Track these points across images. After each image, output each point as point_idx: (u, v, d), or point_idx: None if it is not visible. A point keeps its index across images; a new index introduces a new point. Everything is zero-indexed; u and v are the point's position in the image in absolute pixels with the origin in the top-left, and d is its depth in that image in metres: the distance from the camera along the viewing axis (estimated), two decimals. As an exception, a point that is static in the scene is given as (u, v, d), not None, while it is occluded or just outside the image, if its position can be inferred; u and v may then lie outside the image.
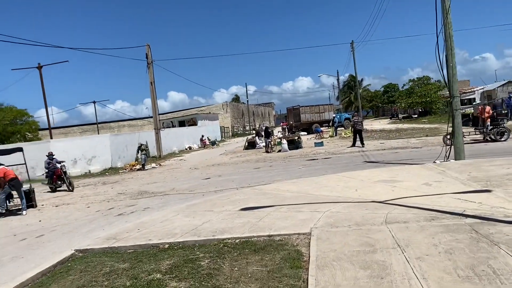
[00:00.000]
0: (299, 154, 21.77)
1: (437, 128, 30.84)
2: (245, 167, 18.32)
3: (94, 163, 24.23)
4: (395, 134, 28.47)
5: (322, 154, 20.40)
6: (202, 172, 17.79)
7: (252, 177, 14.36)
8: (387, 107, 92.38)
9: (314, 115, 44.82)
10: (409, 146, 19.83)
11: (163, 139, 33.10)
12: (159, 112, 65.61)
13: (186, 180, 15.76)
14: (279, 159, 20.60)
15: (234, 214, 7.62)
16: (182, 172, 18.82)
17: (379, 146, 21.37)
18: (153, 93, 27.88)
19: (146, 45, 27.47)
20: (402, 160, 14.59)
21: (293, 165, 17.13)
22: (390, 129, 35.87)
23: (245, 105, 73.74)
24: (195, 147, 37.84)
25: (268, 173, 15.03)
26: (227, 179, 14.66)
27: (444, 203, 6.82)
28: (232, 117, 64.39)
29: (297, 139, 26.26)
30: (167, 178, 17.07)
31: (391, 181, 9.44)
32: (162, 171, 20.57)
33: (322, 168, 14.90)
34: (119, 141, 25.93)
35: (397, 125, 44.28)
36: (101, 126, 64.33)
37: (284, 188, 10.01)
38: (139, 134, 28.55)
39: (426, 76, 58.61)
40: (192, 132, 41.26)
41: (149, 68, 27.53)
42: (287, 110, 48.84)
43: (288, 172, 14.87)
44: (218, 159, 23.88)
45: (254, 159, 21.66)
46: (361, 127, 23.20)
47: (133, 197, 12.86)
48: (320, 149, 23.28)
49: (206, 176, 16.12)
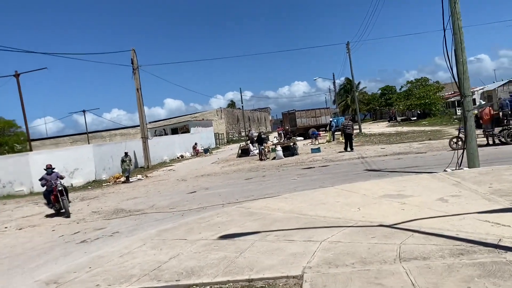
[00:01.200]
0: (295, 162, 20.38)
1: (439, 131, 29.53)
2: (235, 177, 16.92)
3: (77, 176, 22.75)
4: (396, 138, 27.14)
5: (319, 162, 19.02)
6: (189, 185, 16.36)
7: (241, 190, 12.95)
8: (385, 110, 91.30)
9: (311, 119, 43.49)
10: (412, 151, 18.47)
11: (153, 148, 31.69)
12: (151, 120, 63.77)
13: (170, 194, 14.33)
14: (273, 167, 19.21)
15: (210, 244, 6.20)
16: (168, 185, 17.39)
17: (380, 151, 20.00)
18: (139, 100, 26.49)
19: (132, 49, 26.13)
20: (407, 168, 13.21)
21: (287, 174, 15.74)
22: (389, 133, 34.56)
23: (240, 111, 72.35)
24: (187, 156, 36.40)
25: (260, 185, 13.63)
26: (214, 192, 13.25)
27: (470, 227, 5.43)
28: (227, 123, 62.99)
29: (293, 145, 24.89)
30: (150, 192, 15.64)
31: (399, 195, 8.05)
32: (147, 184, 19.13)
33: (319, 178, 13.51)
34: (103, 151, 24.49)
35: (397, 128, 43.00)
36: (93, 136, 62.79)
37: (274, 205, 8.60)
38: (125, 144, 27.08)
39: (424, 78, 57.51)
40: (184, 140, 39.84)
41: (135, 74, 26.15)
42: (283, 115, 47.54)
43: (282, 183, 13.47)
44: (209, 169, 22.46)
45: (247, 168, 20.25)
46: (352, 131, 22.86)
47: (107, 217, 11.43)
48: (317, 156, 21.91)
49: (192, 190, 14.70)
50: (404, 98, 57.97)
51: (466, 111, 10.41)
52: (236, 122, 69.99)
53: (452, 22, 10.30)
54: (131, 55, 26.08)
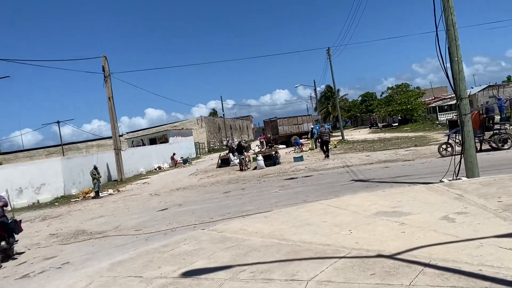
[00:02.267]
0: (277, 172, 19.25)
1: (424, 136, 28.88)
2: (213, 191, 15.66)
3: (44, 191, 21.11)
4: (380, 145, 26.31)
5: (302, 171, 17.92)
6: (161, 200, 15.03)
7: (218, 206, 11.72)
8: (366, 116, 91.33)
9: (293, 126, 42.55)
10: (399, 158, 17.54)
11: (127, 160, 30.19)
12: (130, 130, 61.74)
13: (139, 212, 12.99)
14: (253, 178, 18.03)
15: (168, 286, 4.96)
16: (139, 201, 16.01)
17: (365, 159, 19.03)
18: (111, 110, 25.05)
19: (102, 56, 24.71)
20: (397, 178, 12.19)
21: (268, 186, 14.58)
22: (372, 139, 33.81)
23: (222, 119, 71.10)
24: (165, 167, 34.92)
25: (238, 199, 12.41)
26: (188, 210, 11.97)
27: (494, 259, 4.33)
28: (208, 132, 61.60)
29: (274, 154, 23.76)
30: (118, 210, 14.25)
31: (395, 213, 6.96)
32: (117, 199, 17.69)
33: (302, 190, 12.38)
34: (73, 165, 22.92)
35: (379, 134, 42.41)
36: (69, 148, 60.58)
37: (252, 227, 7.40)
38: (97, 156, 25.54)
39: (405, 83, 57.38)
40: (162, 150, 38.37)
41: (107, 82, 24.72)
42: (264, 123, 46.49)
43: (262, 197, 12.29)
44: (186, 181, 21.13)
45: (226, 180, 19.02)
46: (328, 138, 23.26)
47: (64, 241, 10.04)
48: (300, 165, 20.83)
49: (164, 206, 13.38)
50: (385, 104, 57.68)
51: (463, 114, 9.41)
52: (217, 130, 68.66)
53: (445, 17, 9.35)
54: (102, 62, 24.66)
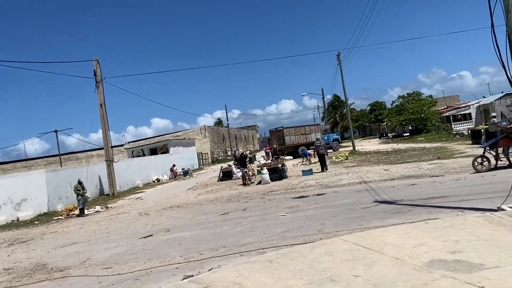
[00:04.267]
0: (284, 188, 17.05)
1: (443, 147, 26.54)
2: (210, 211, 13.47)
3: (25, 207, 19.02)
4: (396, 157, 24.01)
5: (313, 188, 15.70)
6: (148, 223, 12.85)
7: (211, 235, 9.54)
8: (374, 126, 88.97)
9: (300, 137, 40.30)
10: (425, 173, 15.27)
11: (124, 172, 28.15)
12: (133, 139, 59.66)
13: (118, 239, 10.82)
14: (257, 195, 15.84)
15: None
16: (124, 222, 13.84)
17: (384, 174, 16.77)
18: (103, 117, 23.00)
19: (94, 59, 22.75)
20: (431, 199, 9.95)
21: (274, 207, 12.37)
22: (386, 150, 31.49)
23: (227, 129, 69.02)
24: (164, 179, 32.80)
25: (237, 225, 10.22)
26: (175, 238, 9.79)
27: None
28: (211, 142, 59.57)
29: (281, 167, 21.53)
30: (96, 235, 12.08)
31: (460, 263, 4.75)
32: (102, 219, 15.54)
33: (315, 214, 10.16)
34: (60, 178, 20.83)
35: (391, 145, 40.06)
36: (68, 157, 58.86)
37: (250, 281, 5.21)
38: (87, 168, 23.46)
39: (416, 92, 55.18)
40: (162, 161, 36.28)
41: (98, 87, 22.73)
42: (270, 133, 44.29)
43: (267, 222, 10.09)
44: (182, 197, 18.96)
45: (226, 197, 16.83)
46: (325, 151, 22.61)
47: (14, 281, 7.89)
48: (309, 179, 18.61)
49: (149, 231, 11.21)
50: (396, 114, 55.42)
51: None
52: (221, 140, 66.63)
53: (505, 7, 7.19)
54: (94, 65, 22.70)
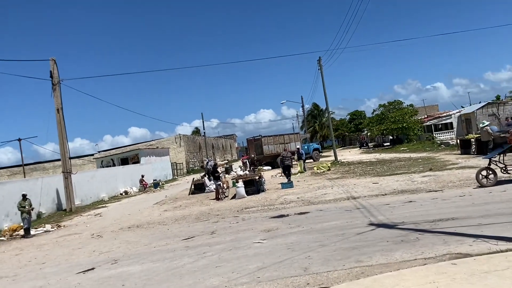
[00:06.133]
0: (261, 204, 15.02)
1: (431, 158, 25.03)
2: (172, 234, 11.32)
3: (-38, 226, 16.48)
4: (383, 168, 22.33)
5: (294, 204, 13.73)
6: (97, 249, 10.61)
7: (165, 272, 7.41)
8: (354, 135, 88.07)
9: (279, 146, 38.41)
10: (420, 188, 13.50)
11: (86, 184, 25.65)
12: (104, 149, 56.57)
13: (50, 274, 8.55)
14: (230, 213, 13.77)
15: None
16: (69, 248, 11.53)
17: (374, 188, 14.94)
18: (60, 124, 20.55)
19: (51, 59, 20.34)
20: (438, 222, 8.08)
21: (249, 230, 10.31)
22: (369, 161, 29.88)
23: (203, 138, 66.60)
24: (132, 191, 30.33)
25: (200, 258, 8.10)
26: (119, 274, 7.62)
27: None
28: (187, 151, 57.14)
29: (258, 179, 19.51)
30: (27, 267, 9.75)
31: None
32: (47, 242, 13.17)
33: (298, 242, 8.15)
34: (7, 192, 18.27)
35: (373, 155, 38.60)
36: (34, 167, 55.41)
37: None
38: (42, 180, 20.89)
39: (398, 100, 54.19)
40: (132, 172, 33.79)
41: (55, 90, 20.31)
42: (248, 142, 42.28)
43: (237, 253, 8.03)
44: (145, 214, 16.70)
45: (195, 214, 14.70)
46: (290, 162, 21.78)
47: None
48: (289, 193, 16.66)
49: (93, 263, 8.98)
50: (377, 123, 54.24)
51: None
52: (198, 150, 64.22)
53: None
54: (51, 66, 20.31)
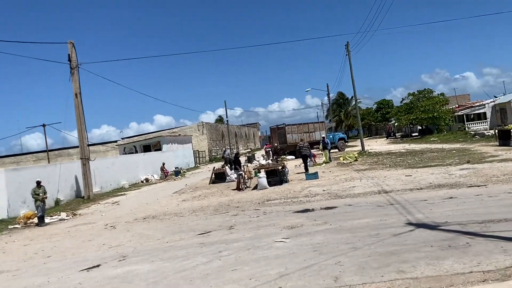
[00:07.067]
0: (284, 196, 14.07)
1: (466, 149, 23.47)
2: (187, 228, 10.51)
3: (-22, 212, 16.19)
4: (414, 159, 20.98)
5: (319, 197, 12.72)
6: (107, 242, 9.90)
7: (175, 274, 6.56)
8: (381, 125, 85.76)
9: (303, 135, 37.27)
10: (461, 182, 12.25)
11: (106, 171, 25.26)
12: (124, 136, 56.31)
13: (53, 270, 7.85)
14: (251, 205, 12.88)
15: None
16: (80, 239, 10.89)
17: (407, 181, 13.75)
18: (78, 108, 20.04)
19: (69, 42, 19.78)
20: (488, 223, 6.95)
21: (270, 225, 9.39)
22: (399, 151, 28.43)
23: (226, 126, 65.86)
24: (153, 179, 29.85)
25: (215, 259, 7.22)
26: (126, 274, 6.83)
27: None
28: (209, 139, 56.59)
29: (281, 169, 18.53)
30: (32, 260, 9.11)
31: None
32: (60, 231, 12.60)
33: (326, 243, 7.17)
34: (24, 178, 17.89)
35: (402, 145, 36.97)
36: (58, 153, 55.93)
37: None
38: (60, 166, 20.51)
39: (428, 89, 51.83)
40: (153, 159, 33.33)
41: (73, 74, 19.77)
42: (271, 130, 41.28)
43: (257, 253, 7.11)
44: (163, 204, 16.01)
45: (214, 206, 13.88)
46: (308, 152, 21.99)
47: None
48: (314, 185, 15.64)
49: (100, 258, 8.24)
50: (405, 112, 52.20)
51: None
52: (220, 138, 63.62)
53: None
54: (69, 49, 19.74)
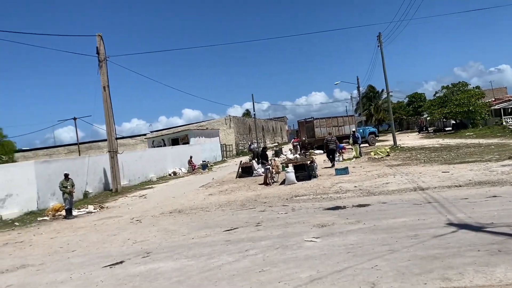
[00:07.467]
0: (313, 192, 13.58)
1: (506, 144, 22.28)
2: (213, 224, 10.20)
3: (10, 204, 16.37)
4: (450, 155, 20.03)
5: (351, 194, 12.18)
6: (132, 237, 9.70)
7: (199, 274, 6.23)
8: (412, 119, 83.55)
9: (332, 129, 36.50)
10: (504, 179, 11.45)
11: (134, 164, 25.35)
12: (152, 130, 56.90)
13: (77, 265, 7.68)
14: (278, 201, 12.47)
15: None
16: (105, 233, 10.76)
17: (445, 178, 13.00)
18: (106, 102, 20.08)
19: (97, 35, 19.80)
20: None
21: (299, 223, 8.94)
22: (433, 146, 27.37)
23: (253, 119, 65.52)
24: (181, 172, 29.84)
25: (241, 258, 6.85)
26: (148, 272, 6.54)
27: None
28: (236, 133, 56.42)
29: (310, 164, 18.01)
30: (57, 254, 9.00)
31: None
32: (86, 225, 12.55)
33: (360, 245, 6.68)
34: (53, 170, 18.03)
35: (436, 140, 35.67)
36: (89, 146, 57.16)
37: None
38: (88, 159, 20.66)
39: (462, 82, 49.78)
40: (181, 153, 33.36)
41: (102, 67, 19.79)
42: (299, 124, 40.65)
43: (285, 254, 6.70)
44: (189, 198, 15.80)
45: (240, 200, 13.54)
46: (335, 147, 22.17)
47: None
48: (344, 181, 15.07)
49: (123, 254, 8.02)
50: (438, 106, 50.40)
51: None
52: (247, 132, 63.38)
53: None
54: (97, 42, 19.77)
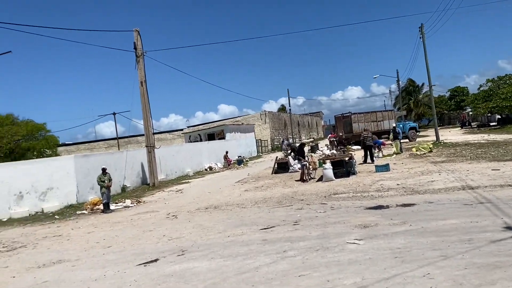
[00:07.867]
0: (352, 189, 13.05)
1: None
2: (250, 221, 9.91)
3: (51, 198, 16.79)
4: (498, 151, 18.89)
5: (393, 192, 11.59)
6: (167, 233, 9.57)
7: (235, 276, 5.94)
8: (454, 114, 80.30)
9: (370, 124, 35.49)
10: None
11: (172, 159, 25.51)
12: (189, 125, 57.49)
13: (112, 261, 7.58)
14: (316, 199, 12.04)
15: None
16: (141, 228, 10.70)
17: (495, 176, 12.15)
18: (144, 97, 20.18)
19: (135, 30, 19.93)
20: None
21: (339, 223, 8.51)
22: (478, 142, 26.00)
23: (288, 115, 64.91)
24: (217, 167, 29.83)
25: (279, 260, 6.52)
26: (183, 272, 6.32)
27: None
28: (272, 128, 56.05)
29: (348, 160, 17.42)
30: (93, 249, 8.98)
31: None
32: (123, 219, 12.59)
33: (408, 249, 6.19)
34: (91, 165, 18.32)
35: (480, 135, 33.94)
36: (128, 141, 58.35)
37: None
38: (126, 154, 20.87)
39: (509, 75, 47.25)
40: (216, 148, 33.38)
41: (139, 62, 19.91)
42: (336, 119, 39.80)
43: (326, 258, 6.30)
44: (225, 193, 15.62)
45: (277, 197, 13.21)
46: (372, 142, 21.56)
47: None
48: (386, 178, 14.43)
49: (158, 252, 7.87)
50: (483, 100, 48.07)
51: None
52: (283, 127, 62.87)
53: None
54: (134, 37, 19.89)
